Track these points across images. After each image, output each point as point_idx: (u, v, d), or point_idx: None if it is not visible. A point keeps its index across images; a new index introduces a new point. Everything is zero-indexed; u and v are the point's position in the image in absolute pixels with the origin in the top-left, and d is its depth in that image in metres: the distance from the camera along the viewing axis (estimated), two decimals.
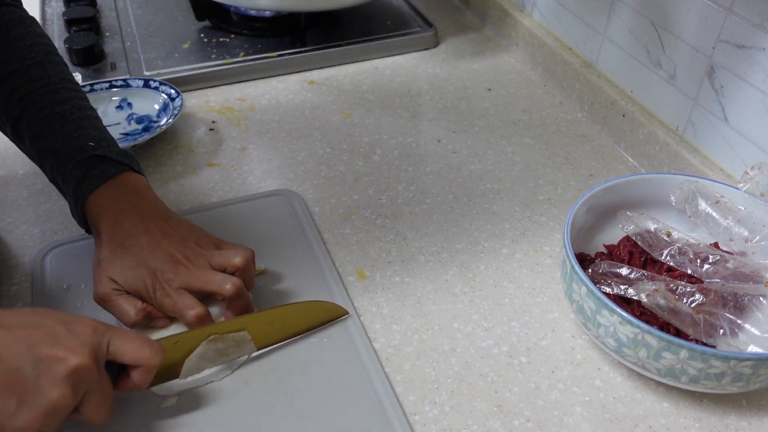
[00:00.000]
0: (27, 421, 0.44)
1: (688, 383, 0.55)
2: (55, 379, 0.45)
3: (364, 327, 0.64)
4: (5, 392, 0.44)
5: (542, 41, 1.01)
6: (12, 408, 0.44)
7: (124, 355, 0.50)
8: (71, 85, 0.67)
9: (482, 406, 0.58)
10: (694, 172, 0.77)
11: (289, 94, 0.98)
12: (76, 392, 0.46)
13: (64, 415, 0.46)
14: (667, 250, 0.64)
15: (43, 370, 0.45)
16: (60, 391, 0.45)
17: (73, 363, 0.46)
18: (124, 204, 0.62)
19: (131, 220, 0.61)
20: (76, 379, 0.46)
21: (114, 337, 0.50)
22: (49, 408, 0.45)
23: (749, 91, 0.71)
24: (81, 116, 0.66)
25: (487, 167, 0.85)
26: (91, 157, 0.63)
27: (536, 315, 0.67)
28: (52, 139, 0.64)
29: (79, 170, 0.62)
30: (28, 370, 0.45)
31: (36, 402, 0.44)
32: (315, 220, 0.76)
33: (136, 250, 0.60)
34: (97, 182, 0.62)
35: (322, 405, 0.57)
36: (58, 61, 0.68)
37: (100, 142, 0.65)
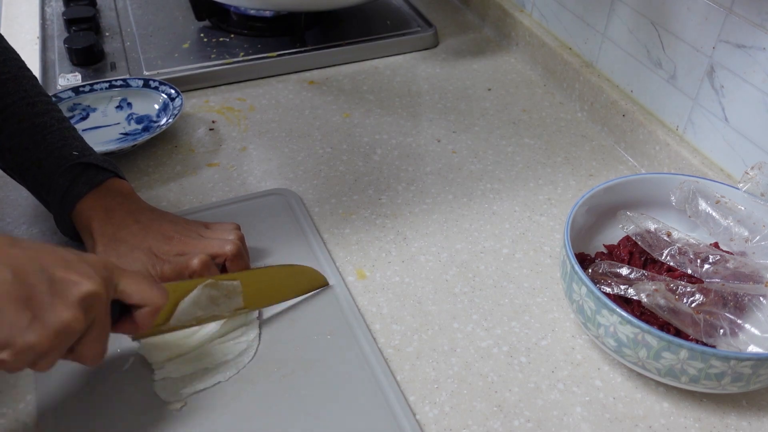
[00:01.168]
0: (38, 337, 0.44)
1: (688, 383, 0.55)
2: (69, 301, 0.45)
3: (367, 325, 0.64)
4: (20, 306, 0.44)
5: (542, 41, 1.01)
6: (25, 322, 0.44)
7: (132, 294, 0.51)
8: (46, 98, 0.69)
9: (482, 406, 0.58)
10: (694, 172, 0.77)
11: (288, 94, 0.98)
12: (87, 317, 0.47)
13: (72, 339, 0.46)
14: (667, 250, 0.64)
15: (57, 290, 0.45)
16: (72, 313, 0.45)
17: (86, 287, 0.46)
18: (112, 205, 0.64)
19: (120, 215, 0.63)
20: (88, 303, 0.47)
21: (123, 276, 0.51)
22: (60, 328, 0.45)
23: (749, 91, 0.71)
24: (61, 127, 0.67)
25: (487, 167, 0.85)
26: (77, 165, 0.64)
27: (536, 315, 0.67)
28: (34, 150, 0.65)
29: (65, 178, 0.64)
30: (43, 289, 0.45)
31: (49, 320, 0.45)
32: (314, 220, 0.76)
33: (128, 237, 0.62)
34: (85, 189, 0.64)
35: (329, 402, 0.57)
36: (30, 76, 0.70)
37: (84, 151, 0.67)
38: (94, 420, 0.55)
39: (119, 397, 0.57)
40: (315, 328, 0.63)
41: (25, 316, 0.44)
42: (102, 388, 0.58)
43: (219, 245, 0.63)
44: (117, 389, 0.58)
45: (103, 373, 0.59)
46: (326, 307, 0.65)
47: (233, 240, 0.64)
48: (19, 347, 0.44)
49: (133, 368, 0.59)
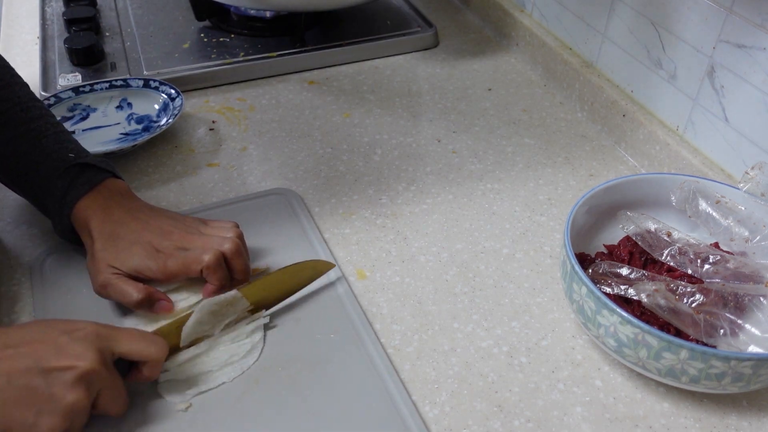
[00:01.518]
0: (50, 426, 0.47)
1: (688, 383, 0.55)
2: (67, 385, 0.48)
3: (370, 323, 0.64)
4: (22, 407, 0.47)
5: (542, 41, 1.01)
6: (31, 420, 0.47)
7: (131, 354, 0.53)
8: (39, 104, 0.70)
9: (482, 406, 0.58)
10: (694, 172, 0.77)
11: (289, 94, 0.98)
12: (90, 392, 0.49)
13: (83, 415, 0.50)
14: (668, 250, 0.64)
15: (53, 380, 0.48)
16: (74, 395, 0.48)
17: (81, 368, 0.49)
18: (110, 204, 0.64)
19: (118, 213, 0.64)
20: (87, 381, 0.49)
21: (117, 340, 0.53)
22: (66, 411, 0.48)
23: (750, 91, 0.71)
24: (56, 131, 0.68)
25: (487, 167, 0.85)
26: (74, 167, 0.65)
27: (536, 315, 0.67)
28: (31, 155, 0.66)
29: (63, 180, 0.64)
30: (39, 383, 0.48)
31: (53, 409, 0.48)
32: (315, 220, 0.76)
33: (127, 233, 0.63)
34: (84, 189, 0.64)
35: (334, 401, 0.57)
36: (22, 83, 0.71)
37: (79, 153, 0.67)
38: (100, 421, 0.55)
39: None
40: (319, 327, 0.63)
41: (30, 412, 0.47)
42: None
43: (218, 242, 0.63)
44: None
45: None
46: (330, 307, 0.65)
47: (232, 237, 0.64)
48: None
49: None
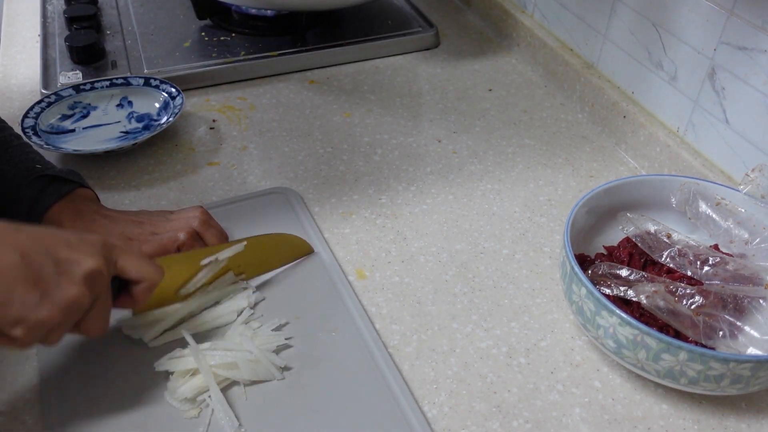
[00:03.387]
0: (48, 313, 0.48)
1: (687, 385, 0.55)
2: (74, 278, 0.49)
3: (372, 322, 0.64)
4: (30, 286, 0.47)
5: (543, 42, 1.01)
6: (35, 300, 0.47)
7: (131, 270, 0.54)
8: (1, 120, 0.71)
9: (481, 406, 0.58)
10: (694, 173, 0.77)
11: (289, 94, 0.97)
12: (91, 292, 0.50)
13: (79, 313, 0.50)
14: (667, 252, 0.64)
15: (62, 269, 0.49)
16: (78, 289, 0.49)
17: (89, 265, 0.50)
18: (81, 208, 0.66)
19: (88, 214, 0.66)
20: (92, 280, 0.50)
21: (122, 253, 0.54)
22: (68, 303, 0.48)
23: (750, 93, 0.71)
24: (20, 143, 0.70)
25: (487, 168, 0.85)
26: (42, 177, 0.66)
27: (536, 316, 0.67)
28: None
29: (32, 189, 0.65)
30: (49, 268, 0.48)
31: (57, 297, 0.48)
32: (315, 219, 0.76)
33: (99, 229, 0.65)
34: (53, 199, 0.65)
35: (336, 399, 0.57)
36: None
37: (46, 165, 0.68)
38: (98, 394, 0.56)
39: (124, 400, 0.57)
40: (320, 325, 0.63)
41: (34, 294, 0.47)
42: (110, 391, 0.58)
43: (187, 222, 0.66)
44: (122, 395, 0.58)
45: (109, 378, 0.59)
46: (331, 305, 0.65)
47: (198, 215, 0.67)
48: (32, 323, 0.47)
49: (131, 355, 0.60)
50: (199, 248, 0.65)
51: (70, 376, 0.58)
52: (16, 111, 0.90)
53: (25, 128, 0.82)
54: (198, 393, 0.57)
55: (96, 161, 0.83)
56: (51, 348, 0.60)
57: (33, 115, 0.84)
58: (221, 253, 0.63)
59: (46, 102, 0.86)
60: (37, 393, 0.58)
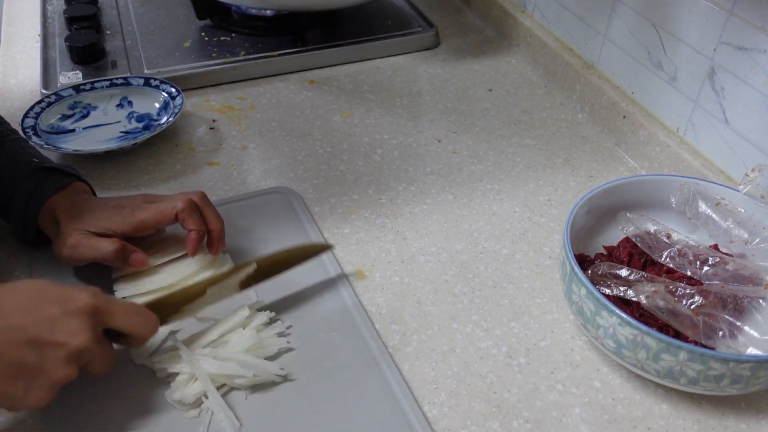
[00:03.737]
0: (38, 398, 0.49)
1: (687, 385, 0.55)
2: (58, 361, 0.49)
3: (372, 322, 0.64)
4: (13, 380, 0.48)
5: (543, 42, 1.01)
6: (21, 391, 0.48)
7: (122, 328, 0.54)
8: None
9: (481, 406, 0.58)
10: (694, 173, 0.77)
11: (289, 94, 0.98)
12: (80, 365, 0.51)
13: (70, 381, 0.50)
14: (667, 252, 0.64)
15: (45, 355, 0.48)
16: (64, 371, 0.49)
17: (74, 346, 0.49)
18: (77, 200, 0.66)
19: (81, 202, 0.66)
20: (79, 357, 0.50)
21: (112, 315, 0.53)
22: (56, 385, 0.49)
23: (750, 93, 0.71)
24: (17, 138, 0.71)
25: (487, 168, 0.85)
26: (40, 170, 0.66)
27: (536, 316, 0.67)
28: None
29: (29, 182, 0.65)
30: (31, 358, 0.48)
31: (43, 382, 0.49)
32: (315, 219, 0.76)
33: (91, 207, 0.65)
34: (52, 190, 0.65)
35: (336, 399, 0.57)
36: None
37: (43, 158, 0.69)
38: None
39: (124, 399, 0.58)
40: (320, 326, 0.63)
41: (19, 386, 0.48)
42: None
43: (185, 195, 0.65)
44: (123, 394, 0.58)
45: (109, 378, 0.59)
46: (331, 305, 0.65)
47: (197, 192, 0.66)
48: (28, 406, 0.49)
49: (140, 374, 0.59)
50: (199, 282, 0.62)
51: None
52: (16, 111, 0.90)
53: (25, 128, 0.82)
54: (199, 396, 0.57)
55: (96, 161, 0.83)
56: None
57: (33, 115, 0.84)
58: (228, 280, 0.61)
59: (46, 102, 0.86)
60: None
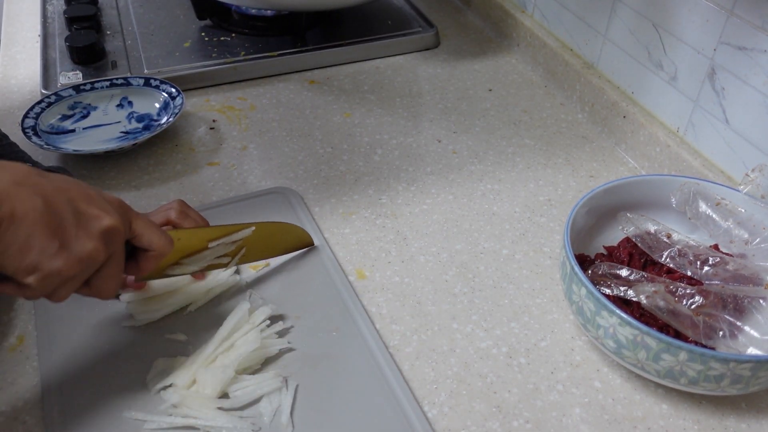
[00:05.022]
0: (64, 264, 0.48)
1: (687, 385, 0.55)
2: (92, 233, 0.49)
3: (372, 321, 0.64)
4: (51, 234, 0.47)
5: (543, 42, 1.01)
6: (53, 249, 0.47)
7: (143, 236, 0.55)
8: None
9: (481, 406, 0.58)
10: (694, 173, 0.77)
11: (289, 94, 0.98)
12: (107, 249, 0.50)
13: (92, 269, 0.50)
14: (667, 252, 0.64)
15: (82, 222, 0.49)
16: (94, 245, 0.49)
17: (107, 222, 0.50)
18: None
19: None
20: (108, 237, 0.50)
21: (137, 218, 0.54)
22: (83, 257, 0.49)
23: (750, 93, 0.71)
24: (9, 142, 0.70)
25: (487, 168, 0.85)
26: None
27: (536, 316, 0.67)
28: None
29: None
30: (70, 220, 0.48)
31: (74, 248, 0.48)
32: (315, 219, 0.76)
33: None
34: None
35: (336, 398, 0.57)
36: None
37: (34, 162, 0.69)
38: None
39: (124, 399, 0.57)
40: (321, 324, 0.63)
41: (53, 243, 0.47)
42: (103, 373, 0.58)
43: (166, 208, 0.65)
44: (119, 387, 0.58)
45: (109, 378, 0.59)
46: (332, 305, 0.65)
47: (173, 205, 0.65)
48: (46, 272, 0.47)
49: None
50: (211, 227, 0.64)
51: (70, 376, 0.58)
52: (16, 111, 0.90)
53: (25, 128, 0.82)
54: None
55: (96, 161, 0.83)
56: (51, 348, 0.60)
57: (33, 115, 0.84)
58: (231, 237, 0.63)
59: (46, 102, 0.86)
60: (37, 393, 0.58)
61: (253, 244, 0.66)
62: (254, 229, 0.65)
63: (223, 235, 0.63)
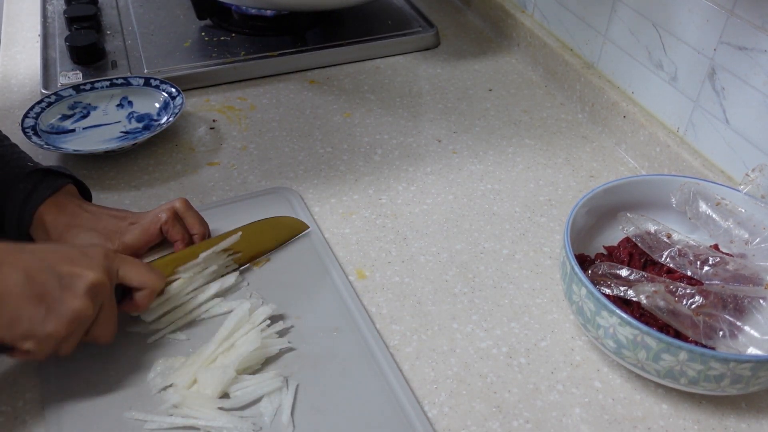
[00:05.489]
0: (55, 327, 0.51)
1: (687, 385, 0.55)
2: (77, 292, 0.52)
3: (372, 320, 0.64)
4: (36, 303, 0.50)
5: (543, 42, 1.01)
6: (41, 316, 0.51)
7: (132, 278, 0.58)
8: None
9: (481, 406, 0.58)
10: (694, 173, 0.77)
11: (289, 94, 0.98)
12: (95, 303, 0.53)
13: (85, 324, 0.53)
14: (667, 252, 0.64)
15: (66, 284, 0.52)
16: (81, 302, 0.52)
17: (91, 278, 0.53)
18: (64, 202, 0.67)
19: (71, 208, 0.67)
20: (94, 291, 0.53)
21: (122, 262, 0.57)
22: (73, 317, 0.52)
23: (750, 93, 0.71)
24: (10, 143, 0.72)
25: (487, 168, 0.85)
26: (36, 171, 0.67)
27: (536, 316, 0.67)
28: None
29: (27, 183, 0.66)
30: (53, 284, 0.51)
31: (62, 311, 0.51)
32: (315, 219, 0.76)
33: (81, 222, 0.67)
34: (48, 192, 0.66)
35: (336, 397, 0.57)
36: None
37: (36, 163, 0.69)
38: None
39: (124, 400, 0.57)
40: (321, 324, 0.63)
41: (40, 310, 0.51)
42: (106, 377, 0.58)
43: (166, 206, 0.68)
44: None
45: (110, 378, 0.59)
46: (332, 305, 0.65)
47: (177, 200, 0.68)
48: (40, 337, 0.51)
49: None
50: (195, 245, 0.67)
51: (71, 376, 0.58)
52: (16, 111, 0.90)
53: (25, 128, 0.81)
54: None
55: (96, 161, 0.83)
56: None
57: (33, 115, 0.84)
58: (218, 246, 0.65)
59: (46, 102, 0.86)
60: (37, 393, 0.58)
61: (245, 244, 0.67)
62: (241, 234, 0.67)
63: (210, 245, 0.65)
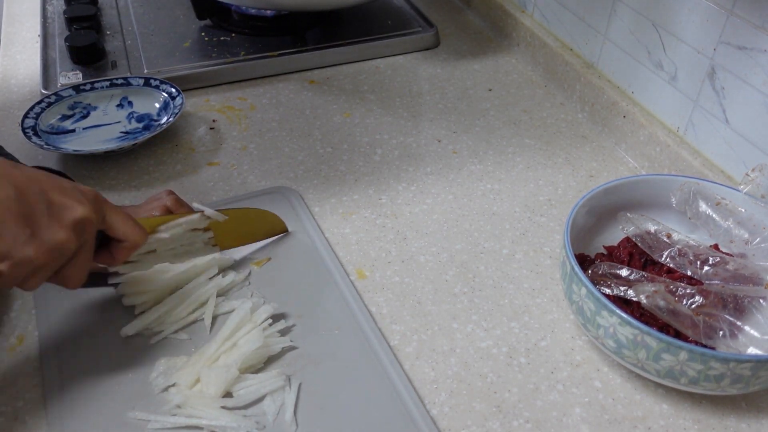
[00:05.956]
0: (35, 252, 0.48)
1: (687, 385, 0.55)
2: (64, 222, 0.50)
3: (374, 319, 0.64)
4: (22, 222, 0.48)
5: (543, 42, 1.01)
6: (24, 237, 0.48)
7: (116, 227, 0.56)
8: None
9: (481, 406, 0.58)
10: (694, 173, 0.77)
11: (289, 94, 0.98)
12: (78, 239, 0.51)
13: (63, 258, 0.51)
14: (667, 252, 0.64)
15: (54, 212, 0.50)
16: (66, 234, 0.50)
17: (79, 212, 0.51)
18: None
19: None
20: (80, 227, 0.51)
21: (111, 210, 0.55)
22: (55, 246, 0.49)
23: (750, 93, 0.71)
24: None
25: (487, 167, 0.85)
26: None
27: (536, 316, 0.67)
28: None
29: None
30: (41, 209, 0.49)
31: (45, 237, 0.49)
32: (315, 219, 0.76)
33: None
34: None
35: (339, 396, 0.57)
36: None
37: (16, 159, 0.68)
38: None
39: (125, 399, 0.57)
40: (323, 323, 0.63)
41: (24, 231, 0.48)
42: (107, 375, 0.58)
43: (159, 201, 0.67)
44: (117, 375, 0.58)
45: (110, 378, 0.59)
46: (333, 304, 0.65)
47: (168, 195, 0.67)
48: (17, 260, 0.48)
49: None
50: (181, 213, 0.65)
51: (71, 376, 0.58)
52: (16, 111, 0.90)
53: (25, 128, 0.82)
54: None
55: (96, 161, 0.83)
56: (52, 348, 0.60)
57: (33, 115, 0.84)
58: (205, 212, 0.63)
59: (46, 102, 0.86)
60: (38, 393, 0.58)
61: (225, 229, 0.66)
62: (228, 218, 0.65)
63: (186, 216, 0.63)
